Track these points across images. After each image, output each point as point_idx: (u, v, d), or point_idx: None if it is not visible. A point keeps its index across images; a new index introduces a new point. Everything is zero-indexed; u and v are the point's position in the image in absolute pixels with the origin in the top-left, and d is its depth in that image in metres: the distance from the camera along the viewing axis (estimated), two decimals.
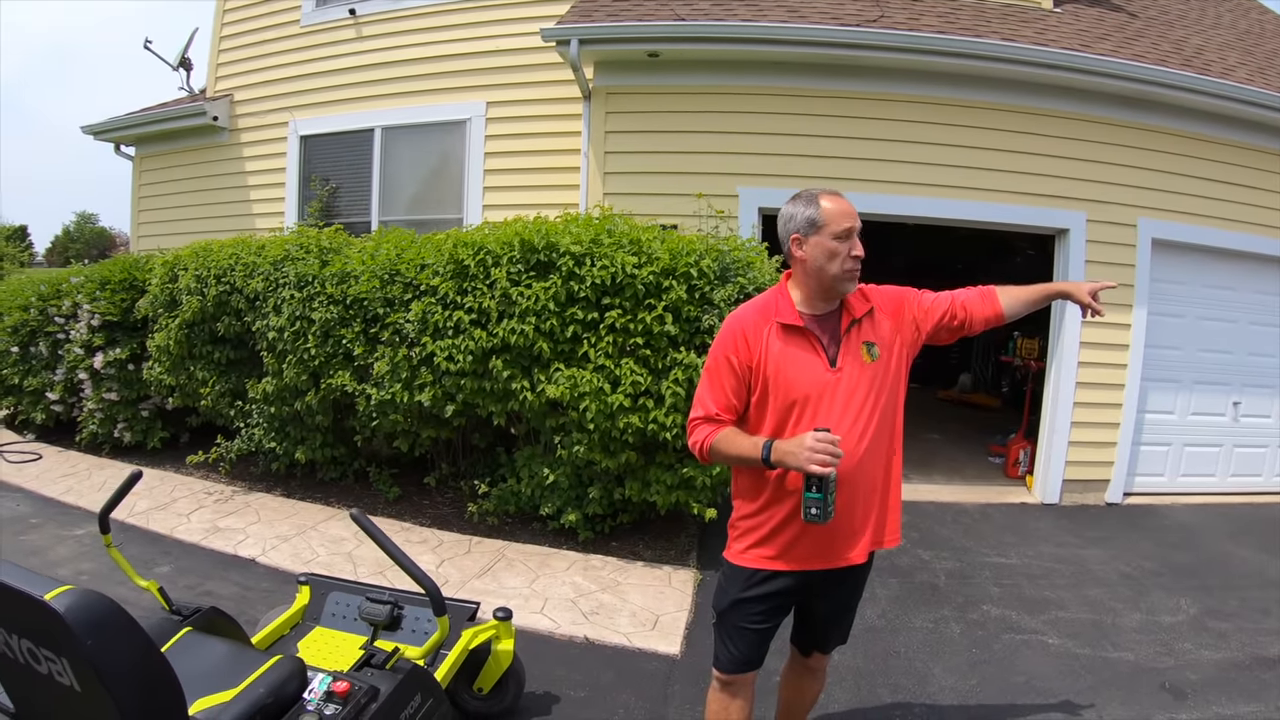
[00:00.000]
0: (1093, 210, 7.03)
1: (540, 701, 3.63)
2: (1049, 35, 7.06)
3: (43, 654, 1.84)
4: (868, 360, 2.44)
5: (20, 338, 8.39)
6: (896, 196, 6.94)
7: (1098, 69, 6.59)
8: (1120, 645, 4.37)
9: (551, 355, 5.12)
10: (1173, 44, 7.83)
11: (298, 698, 2.40)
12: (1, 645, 1.92)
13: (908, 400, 2.66)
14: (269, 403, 6.42)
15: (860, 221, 2.47)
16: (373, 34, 8.90)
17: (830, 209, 2.43)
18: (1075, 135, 7.01)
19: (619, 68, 7.01)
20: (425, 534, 5.75)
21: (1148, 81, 6.69)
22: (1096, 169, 7.04)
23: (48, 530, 5.79)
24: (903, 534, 2.66)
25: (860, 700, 3.71)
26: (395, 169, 8.86)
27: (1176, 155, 7.14)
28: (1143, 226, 7.08)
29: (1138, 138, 7.07)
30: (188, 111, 9.84)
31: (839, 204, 2.45)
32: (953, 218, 7.13)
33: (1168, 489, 7.60)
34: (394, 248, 5.83)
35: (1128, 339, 7.14)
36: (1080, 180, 7.03)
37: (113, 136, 10.74)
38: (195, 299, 6.55)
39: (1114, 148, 7.06)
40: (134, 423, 7.81)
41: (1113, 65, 6.59)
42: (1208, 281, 7.53)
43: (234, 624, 3.10)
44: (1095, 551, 5.94)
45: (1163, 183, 7.12)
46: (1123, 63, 6.64)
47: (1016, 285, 2.77)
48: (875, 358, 2.46)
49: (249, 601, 4.55)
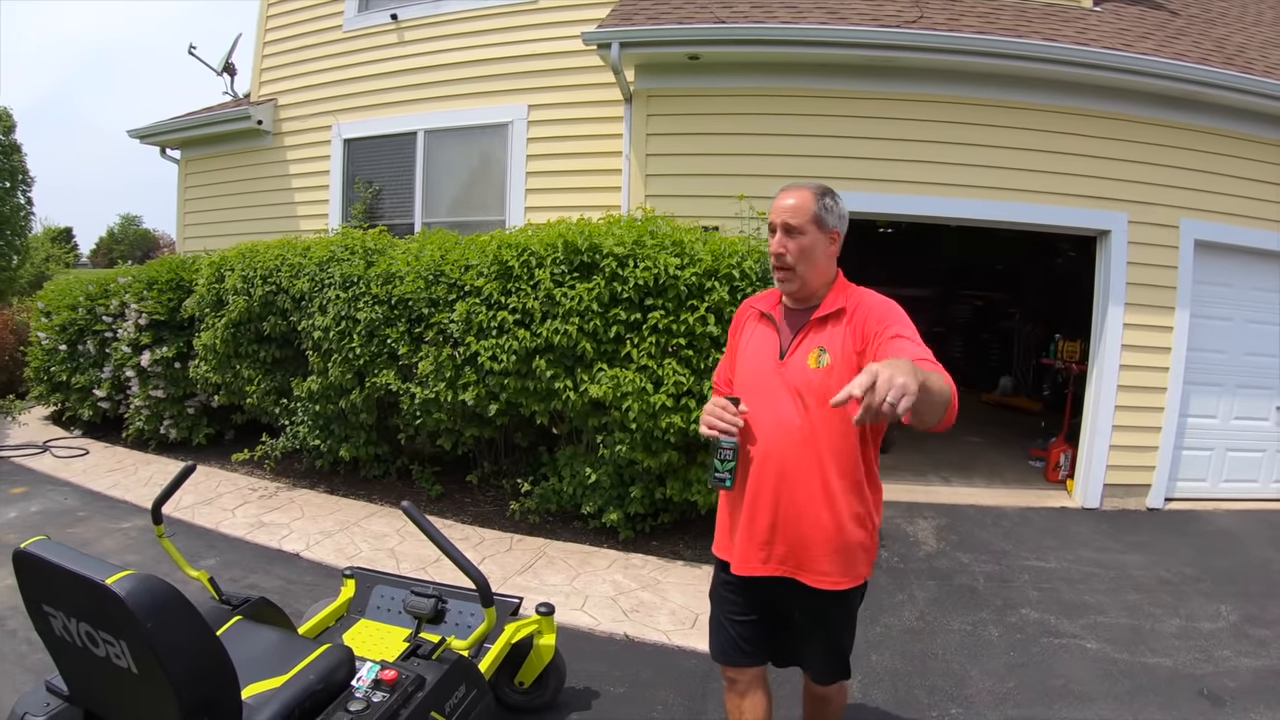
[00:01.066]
0: (1134, 211, 6.95)
1: (580, 696, 3.67)
2: (1090, 34, 7.00)
3: (101, 636, 1.89)
4: (813, 365, 2.32)
5: (68, 336, 8.59)
6: (937, 198, 6.91)
7: (1140, 68, 6.51)
8: (1159, 651, 4.33)
9: (594, 355, 5.18)
10: (1214, 42, 7.72)
11: (346, 685, 2.44)
12: (60, 629, 1.98)
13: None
14: (314, 401, 6.52)
15: (788, 217, 2.35)
16: (414, 38, 8.99)
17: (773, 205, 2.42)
18: (1116, 135, 6.93)
19: (660, 70, 7.04)
20: (467, 531, 5.83)
21: (1190, 80, 6.60)
22: (1138, 169, 6.95)
23: (95, 523, 5.93)
24: (877, 568, 2.45)
25: (897, 701, 3.71)
26: (438, 171, 8.94)
27: (1219, 155, 7.03)
28: (1185, 227, 6.99)
29: (1180, 137, 6.98)
30: (232, 116, 9.98)
31: (777, 199, 2.40)
32: (993, 219, 7.07)
33: (1209, 494, 7.48)
34: (438, 249, 5.91)
35: (1170, 341, 7.04)
36: (1122, 181, 6.95)
37: (158, 140, 10.91)
38: (242, 299, 6.67)
39: (1156, 148, 6.97)
40: (180, 419, 7.96)
41: (1155, 65, 6.52)
42: (1252, 284, 7.39)
43: (282, 614, 3.15)
44: (1135, 557, 5.89)
45: (1205, 183, 7.02)
46: (1165, 62, 6.56)
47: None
48: (823, 365, 2.30)
49: (293, 595, 4.64)
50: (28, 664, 3.80)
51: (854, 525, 2.33)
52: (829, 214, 2.35)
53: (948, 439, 9.30)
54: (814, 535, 2.32)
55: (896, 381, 1.63)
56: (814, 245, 2.34)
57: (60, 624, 1.98)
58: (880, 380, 1.64)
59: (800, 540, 2.34)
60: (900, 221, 11.19)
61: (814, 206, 2.34)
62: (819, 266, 2.38)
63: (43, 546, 1.96)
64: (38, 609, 2.02)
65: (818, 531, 2.32)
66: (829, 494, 2.31)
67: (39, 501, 6.38)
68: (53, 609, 1.98)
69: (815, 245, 2.34)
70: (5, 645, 4.02)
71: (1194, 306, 7.08)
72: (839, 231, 2.39)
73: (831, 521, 2.31)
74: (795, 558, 2.36)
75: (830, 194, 2.38)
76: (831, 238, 2.38)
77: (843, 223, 2.40)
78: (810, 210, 2.33)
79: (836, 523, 2.31)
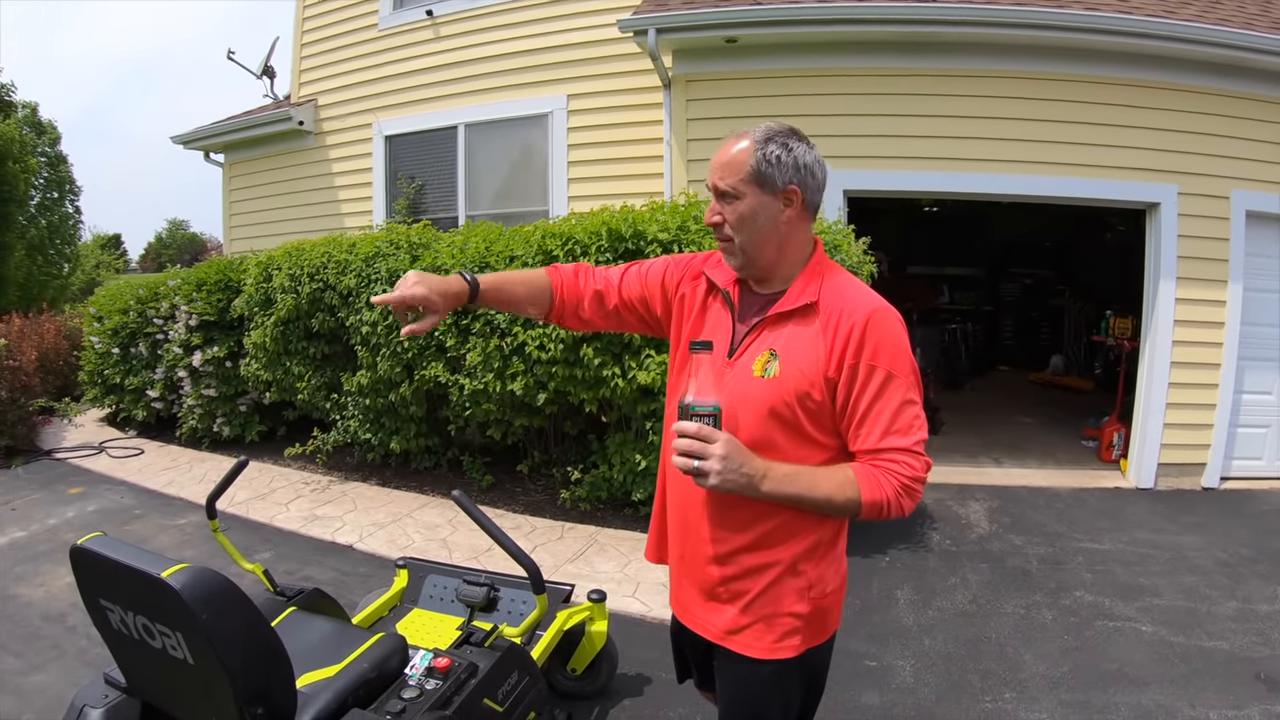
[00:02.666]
0: (1184, 183, 6.81)
1: (632, 683, 3.70)
2: (1132, 1, 6.86)
3: (158, 629, 1.92)
4: (758, 373, 1.74)
5: (120, 339, 8.78)
6: (982, 175, 6.83)
7: (1184, 35, 6.36)
8: (1215, 634, 4.26)
9: (642, 342, 5.19)
10: (1259, 6, 7.52)
11: (400, 673, 2.47)
12: (117, 622, 2.01)
13: (1001, 382, 2.10)
14: (364, 395, 6.61)
15: (717, 178, 1.75)
16: (450, 33, 9.05)
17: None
18: (1163, 105, 6.78)
19: (697, 55, 7.01)
20: (518, 520, 5.89)
21: (1236, 47, 6.43)
22: (1187, 139, 6.80)
23: (151, 520, 6.09)
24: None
25: (950, 685, 3.71)
26: (479, 164, 9.01)
27: (1269, 123, 6.85)
28: (1236, 198, 6.83)
29: (1229, 106, 6.81)
30: (273, 118, 10.11)
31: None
32: (1039, 195, 6.98)
33: (1266, 473, 7.32)
34: (482, 241, 5.95)
35: (1222, 316, 6.90)
36: (1170, 152, 6.80)
37: (201, 145, 11.10)
38: (290, 297, 6.76)
39: (1204, 117, 6.81)
40: (232, 417, 8.12)
41: (1199, 31, 6.36)
42: None
43: (336, 604, 3.20)
44: (1190, 538, 5.79)
45: (1256, 152, 6.84)
46: (1210, 28, 6.40)
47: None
48: (769, 375, 1.73)
49: (347, 586, 4.74)
50: (87, 659, 3.93)
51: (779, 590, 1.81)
52: (775, 167, 1.70)
53: (999, 419, 9.25)
54: (751, 586, 1.82)
55: (704, 461, 1.55)
56: (755, 211, 1.73)
57: (118, 618, 2.01)
58: (685, 449, 1.56)
59: (731, 591, 1.85)
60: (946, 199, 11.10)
61: (750, 160, 1.70)
62: (768, 238, 1.76)
63: (99, 543, 1.99)
64: (95, 604, 2.06)
65: (755, 582, 1.81)
66: (759, 538, 1.79)
67: (96, 501, 6.56)
68: (110, 603, 2.01)
69: (758, 211, 1.73)
70: (65, 641, 4.16)
71: (1246, 279, 6.92)
72: (798, 188, 1.72)
73: (763, 579, 1.80)
74: (721, 613, 1.88)
75: (781, 138, 1.72)
76: (787, 198, 1.73)
77: (804, 176, 1.73)
78: (745, 165, 1.70)
79: (775, 587, 1.80)
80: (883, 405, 1.66)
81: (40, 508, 6.37)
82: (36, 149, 20.82)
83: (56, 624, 4.36)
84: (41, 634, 4.26)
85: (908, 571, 5.02)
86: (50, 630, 4.30)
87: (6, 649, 4.09)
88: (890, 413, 1.65)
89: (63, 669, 3.87)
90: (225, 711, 1.96)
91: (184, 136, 11.01)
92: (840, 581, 1.89)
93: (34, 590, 4.81)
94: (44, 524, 5.98)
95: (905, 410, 1.66)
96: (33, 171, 19.55)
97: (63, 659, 3.98)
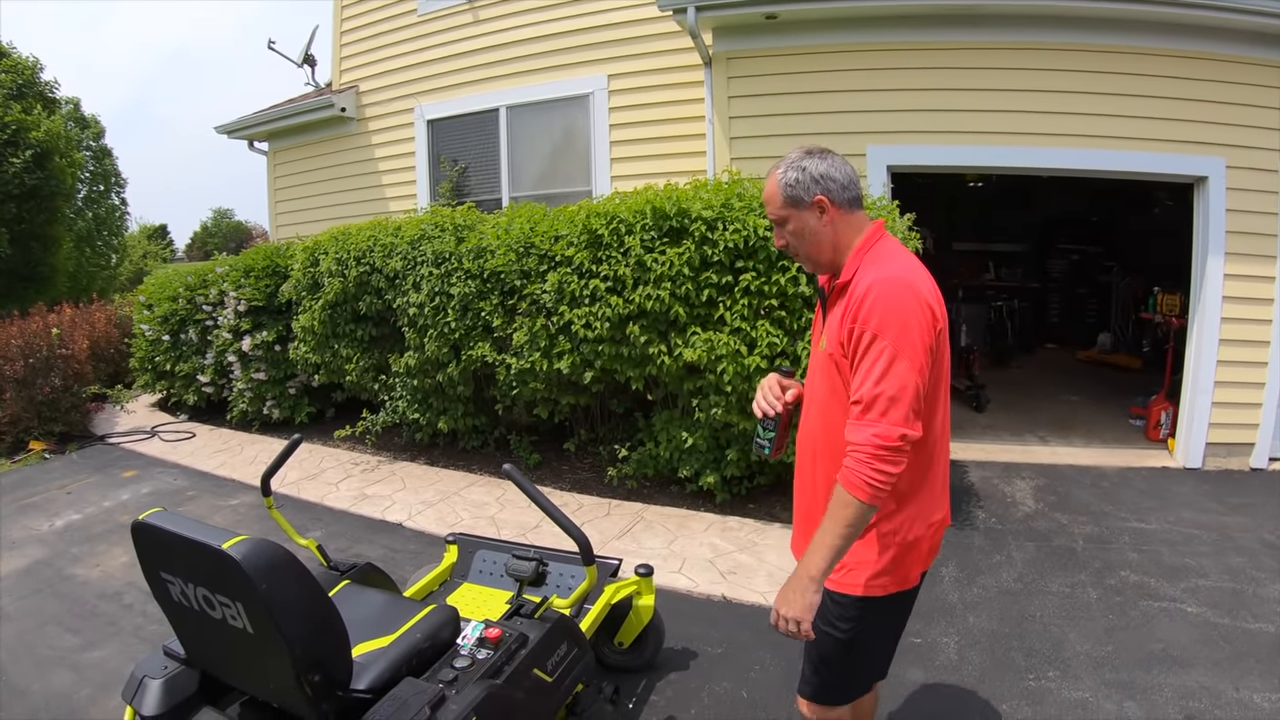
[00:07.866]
0: (1232, 156, 6.64)
1: (679, 657, 3.75)
2: None
3: (218, 599, 2.00)
4: (821, 348, 2.15)
5: (170, 326, 8.99)
6: (1025, 149, 6.73)
7: (1233, 5, 6.18)
8: (1261, 616, 4.21)
9: (687, 319, 5.21)
10: None
11: (452, 643, 2.53)
12: (178, 594, 2.10)
13: (1048, 360, 2.29)
14: (411, 376, 6.72)
15: (769, 213, 2.19)
16: (489, 16, 9.09)
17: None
18: (1210, 76, 6.61)
19: (738, 32, 6.96)
20: (565, 498, 5.97)
21: None
22: (1235, 111, 6.63)
23: (204, 500, 6.27)
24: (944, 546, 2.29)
25: (995, 663, 3.72)
26: (522, 146, 9.06)
27: None
28: None
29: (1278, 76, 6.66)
30: (315, 105, 10.24)
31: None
32: (1085, 169, 6.86)
33: None
34: (527, 222, 5.99)
35: (1273, 293, 6.73)
36: (1218, 124, 6.63)
37: (245, 134, 11.28)
38: (337, 280, 6.87)
39: (1252, 88, 6.63)
40: (282, 400, 8.28)
41: None
42: None
43: (388, 578, 3.29)
44: (1238, 519, 5.70)
45: None
46: None
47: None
48: (823, 349, 2.12)
49: (397, 562, 4.84)
50: (143, 635, 4.09)
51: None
52: (798, 188, 2.09)
53: (1046, 397, 9.17)
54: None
55: (790, 623, 1.93)
56: (802, 226, 2.12)
57: (178, 590, 2.09)
58: (780, 625, 1.95)
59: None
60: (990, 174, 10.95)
61: (780, 191, 2.11)
62: (819, 242, 2.13)
63: (160, 517, 2.08)
64: (156, 576, 2.14)
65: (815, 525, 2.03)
66: (818, 489, 2.18)
67: (149, 483, 6.74)
68: (170, 575, 2.10)
69: (803, 225, 2.12)
70: (123, 618, 4.32)
71: None
72: (824, 196, 2.08)
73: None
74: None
75: (796, 163, 2.11)
76: (818, 207, 2.09)
77: (825, 184, 2.08)
78: (778, 196, 2.12)
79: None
80: (865, 363, 1.93)
81: (95, 491, 6.56)
82: (81, 144, 21.23)
83: (113, 602, 4.52)
84: (98, 612, 4.42)
85: (952, 549, 5.01)
86: (106, 608, 4.45)
87: (65, 626, 4.25)
88: (866, 369, 1.92)
89: (119, 645, 4.02)
90: (284, 679, 2.04)
91: (228, 126, 11.18)
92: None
93: (90, 570, 4.98)
94: (99, 506, 6.18)
95: (879, 367, 1.90)
96: (79, 166, 19.97)
97: (119, 635, 4.13)
